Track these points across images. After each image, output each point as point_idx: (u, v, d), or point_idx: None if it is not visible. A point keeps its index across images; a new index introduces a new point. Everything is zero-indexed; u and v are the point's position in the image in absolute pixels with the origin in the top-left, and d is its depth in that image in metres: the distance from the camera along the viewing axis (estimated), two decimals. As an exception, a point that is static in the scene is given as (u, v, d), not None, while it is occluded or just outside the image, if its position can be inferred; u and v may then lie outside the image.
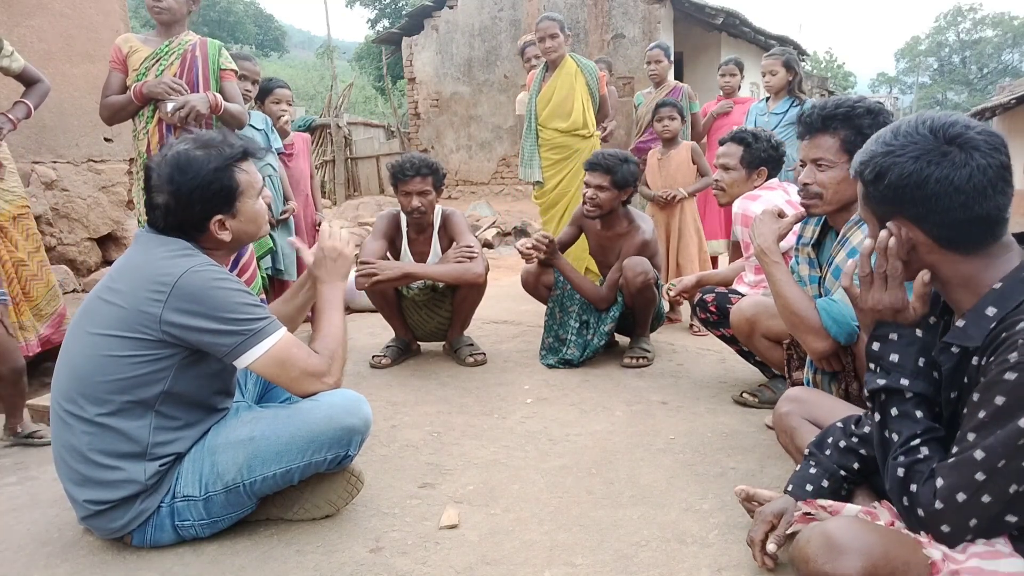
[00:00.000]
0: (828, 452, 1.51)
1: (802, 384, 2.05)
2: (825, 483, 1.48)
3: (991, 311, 1.16)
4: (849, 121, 1.83)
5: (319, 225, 4.20)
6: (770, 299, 2.43)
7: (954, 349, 1.23)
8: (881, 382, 1.29)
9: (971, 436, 1.13)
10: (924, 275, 1.25)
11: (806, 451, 1.57)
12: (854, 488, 1.49)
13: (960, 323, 1.21)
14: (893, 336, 1.31)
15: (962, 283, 1.20)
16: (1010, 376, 1.08)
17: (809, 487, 1.49)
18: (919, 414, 1.26)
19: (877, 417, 1.31)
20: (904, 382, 1.27)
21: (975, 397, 1.14)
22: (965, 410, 1.18)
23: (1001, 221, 1.17)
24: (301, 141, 4.14)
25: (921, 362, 1.28)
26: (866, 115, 1.83)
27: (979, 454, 1.11)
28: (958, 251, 1.19)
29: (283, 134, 3.92)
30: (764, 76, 4.26)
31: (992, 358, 1.13)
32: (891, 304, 1.30)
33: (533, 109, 4.24)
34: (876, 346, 1.33)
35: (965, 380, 1.21)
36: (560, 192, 4.22)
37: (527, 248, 3.28)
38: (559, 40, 4.08)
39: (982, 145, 1.14)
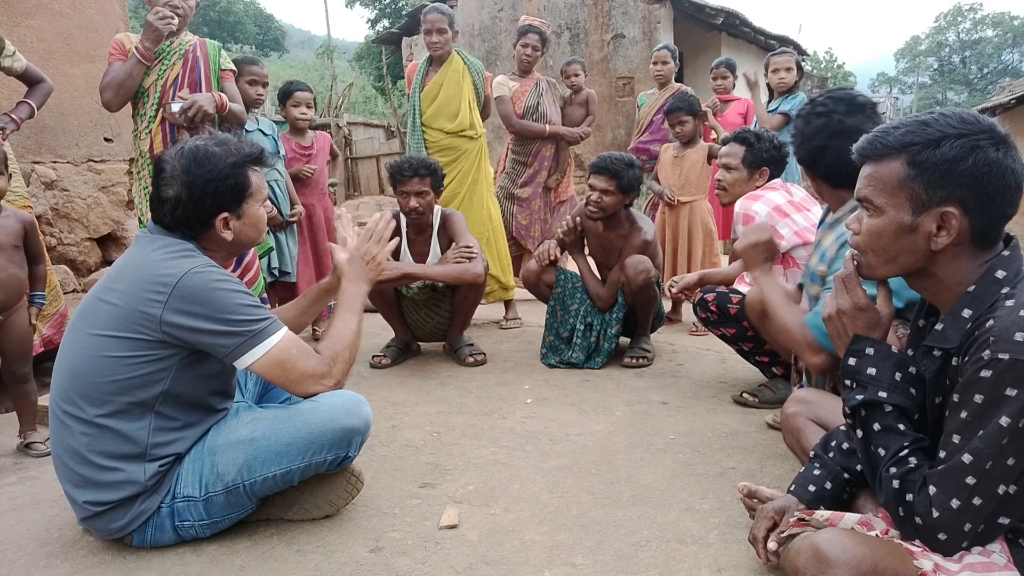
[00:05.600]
0: (832, 454, 1.51)
1: (807, 372, 2.05)
2: (828, 484, 1.47)
3: (967, 313, 1.18)
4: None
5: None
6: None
7: (936, 352, 1.24)
8: (860, 397, 1.30)
9: (956, 438, 1.14)
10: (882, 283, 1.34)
11: (811, 452, 1.57)
12: (856, 490, 1.49)
13: (939, 326, 1.23)
14: (869, 351, 1.32)
15: (961, 281, 1.21)
16: (985, 373, 1.09)
17: (812, 488, 1.48)
18: (902, 427, 1.27)
19: (860, 433, 1.31)
20: (883, 395, 1.28)
21: (956, 398, 1.15)
22: (948, 412, 1.18)
23: None
24: (323, 140, 4.16)
25: (898, 376, 1.29)
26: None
27: (967, 457, 1.12)
28: (981, 246, 1.20)
29: (300, 132, 3.95)
30: (778, 72, 4.17)
31: (967, 358, 1.14)
32: (853, 303, 1.34)
33: (417, 106, 3.97)
34: (852, 361, 1.33)
35: (948, 383, 1.22)
36: (449, 195, 3.92)
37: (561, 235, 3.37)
38: (447, 36, 3.85)
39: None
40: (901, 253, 1.24)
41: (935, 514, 1.15)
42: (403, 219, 3.32)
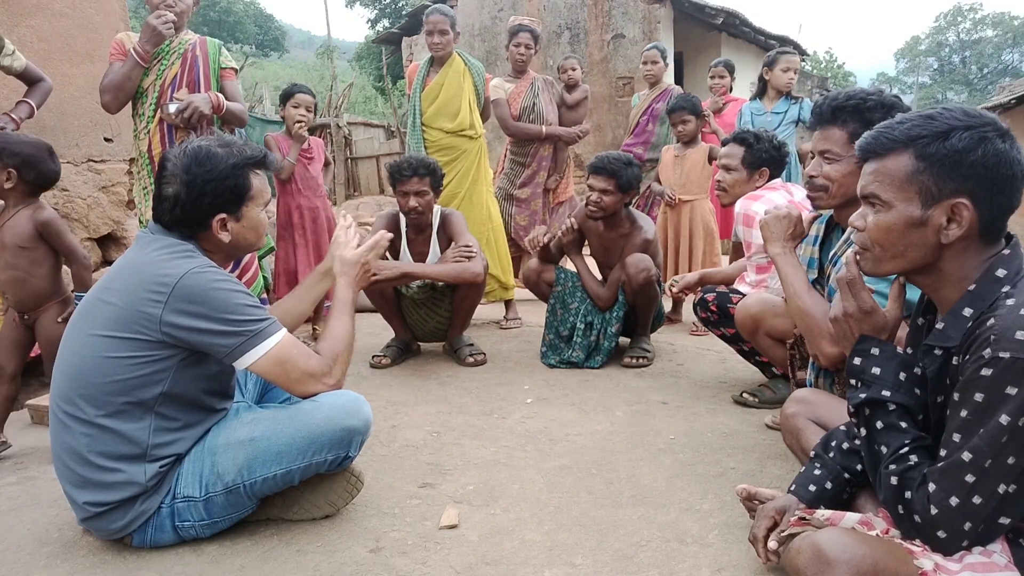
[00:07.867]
0: (832, 454, 1.51)
1: (805, 384, 2.04)
2: (828, 484, 1.47)
3: (967, 311, 1.18)
4: (859, 114, 1.77)
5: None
6: (776, 297, 2.43)
7: (937, 351, 1.24)
8: (863, 395, 1.31)
9: (956, 437, 1.14)
10: (897, 281, 1.34)
11: (811, 453, 1.57)
12: (857, 490, 1.49)
13: (940, 325, 1.23)
14: (874, 351, 1.33)
15: (965, 277, 1.21)
16: (986, 372, 1.09)
17: (812, 487, 1.48)
18: (904, 424, 1.27)
19: (863, 432, 1.32)
20: (886, 394, 1.28)
21: (956, 396, 1.16)
22: (948, 411, 1.19)
23: None
24: (317, 145, 4.20)
25: (902, 376, 1.29)
26: (878, 108, 1.75)
27: (967, 455, 1.12)
28: (987, 240, 1.20)
29: (300, 140, 3.97)
30: (788, 72, 4.22)
31: (968, 356, 1.14)
32: (859, 307, 1.35)
33: (417, 106, 4.01)
34: (857, 360, 1.34)
35: (949, 382, 1.22)
36: (449, 195, 3.92)
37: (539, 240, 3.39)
38: (448, 37, 3.89)
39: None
40: (910, 248, 1.23)
41: (933, 511, 1.15)
42: (403, 218, 3.32)
